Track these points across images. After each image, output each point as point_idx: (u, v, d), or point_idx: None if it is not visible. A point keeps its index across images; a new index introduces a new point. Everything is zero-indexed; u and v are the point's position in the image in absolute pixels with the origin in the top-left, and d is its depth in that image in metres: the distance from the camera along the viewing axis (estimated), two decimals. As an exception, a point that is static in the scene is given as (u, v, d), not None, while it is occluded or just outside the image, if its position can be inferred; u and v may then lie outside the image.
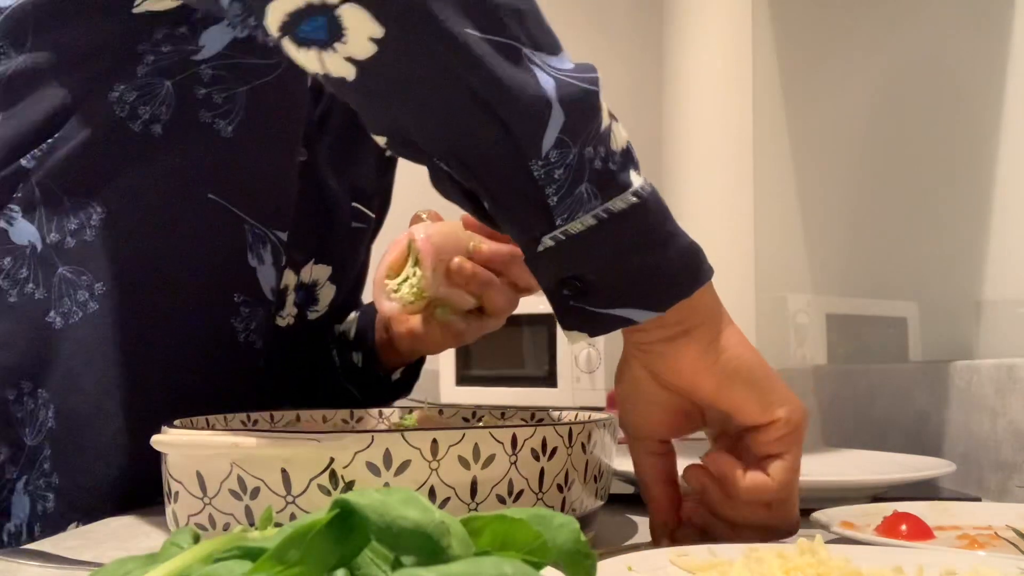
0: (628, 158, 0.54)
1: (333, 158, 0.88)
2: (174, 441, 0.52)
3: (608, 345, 2.43)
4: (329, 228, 0.88)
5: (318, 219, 0.87)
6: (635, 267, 0.52)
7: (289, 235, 0.83)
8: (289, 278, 0.85)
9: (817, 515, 0.57)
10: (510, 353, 2.59)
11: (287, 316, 0.86)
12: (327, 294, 0.89)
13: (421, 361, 0.95)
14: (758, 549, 0.46)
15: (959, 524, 0.59)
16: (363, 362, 0.91)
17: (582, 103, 0.52)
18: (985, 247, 0.91)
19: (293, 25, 0.52)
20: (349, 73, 0.52)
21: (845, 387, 1.25)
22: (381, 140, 0.55)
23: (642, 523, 0.66)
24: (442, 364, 2.64)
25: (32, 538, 0.75)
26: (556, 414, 0.72)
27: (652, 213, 0.53)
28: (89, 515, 0.74)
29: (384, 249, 0.77)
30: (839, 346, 1.42)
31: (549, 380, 2.51)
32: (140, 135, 0.75)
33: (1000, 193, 0.89)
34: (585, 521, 0.58)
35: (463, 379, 2.62)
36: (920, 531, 0.55)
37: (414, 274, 0.69)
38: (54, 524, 0.76)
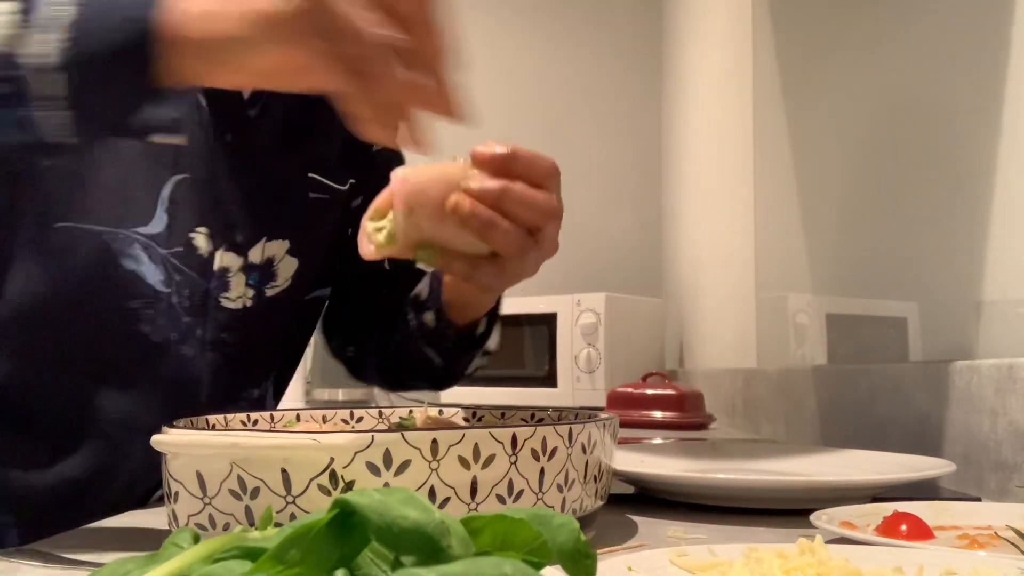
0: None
1: (278, 139, 0.90)
2: (174, 441, 0.52)
3: (608, 345, 2.44)
4: (276, 205, 0.90)
5: (260, 199, 0.89)
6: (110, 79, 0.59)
7: (229, 219, 0.86)
8: (231, 260, 0.87)
9: (817, 515, 0.57)
10: (510, 353, 2.59)
11: (237, 298, 0.88)
12: (287, 268, 0.91)
13: (493, 318, 0.93)
14: (758, 549, 0.46)
15: (959, 524, 0.59)
16: (435, 321, 0.91)
17: None
18: (985, 247, 0.91)
19: None
20: None
21: (845, 387, 1.25)
22: None
23: (642, 523, 0.66)
24: (442, 364, 2.64)
25: None
26: (556, 414, 0.72)
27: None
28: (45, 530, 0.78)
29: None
30: (839, 346, 1.42)
31: (549, 380, 2.52)
32: None
33: (1000, 193, 0.89)
34: (585, 521, 0.58)
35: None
36: (920, 531, 0.55)
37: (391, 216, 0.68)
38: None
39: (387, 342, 1.00)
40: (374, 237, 0.66)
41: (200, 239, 0.85)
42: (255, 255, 0.89)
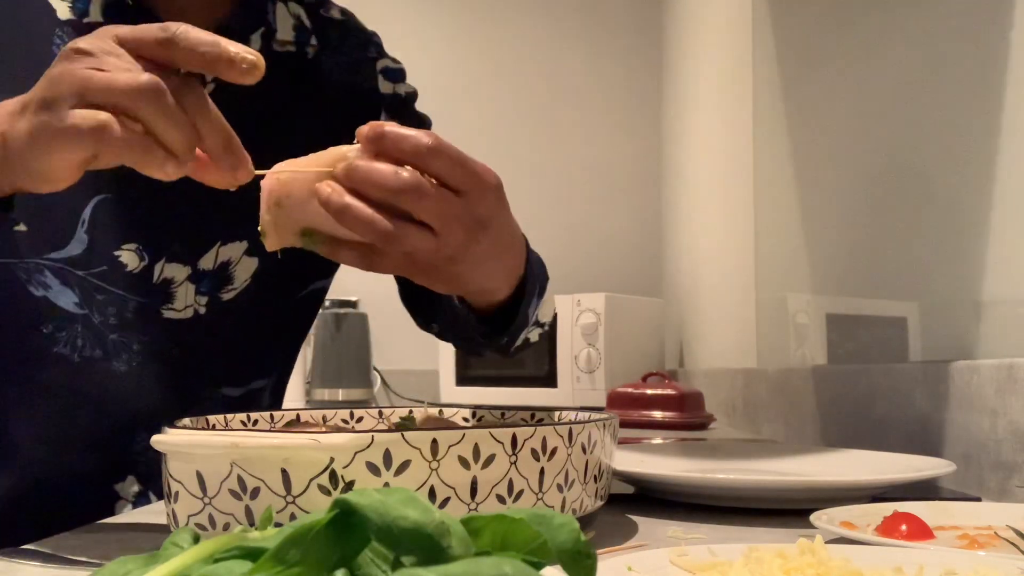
0: None
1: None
2: (174, 441, 0.52)
3: (608, 345, 2.44)
4: (231, 207, 0.89)
5: (212, 204, 0.87)
6: None
7: (166, 231, 0.86)
8: (174, 271, 0.87)
9: (817, 515, 0.57)
10: (510, 353, 2.59)
11: (185, 308, 0.88)
12: (246, 268, 0.91)
13: (518, 300, 0.86)
14: (758, 549, 0.46)
15: (959, 524, 0.59)
16: (459, 304, 0.88)
17: None
18: (985, 247, 0.91)
19: None
20: None
21: (845, 387, 1.25)
22: None
23: (642, 523, 0.66)
24: (442, 364, 2.65)
25: None
26: (556, 414, 0.72)
27: None
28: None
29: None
30: (839, 346, 1.43)
31: (549, 380, 2.52)
32: None
33: (1000, 192, 0.89)
34: (585, 521, 0.58)
35: (463, 379, 2.62)
36: (920, 531, 0.55)
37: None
38: None
39: (447, 321, 0.97)
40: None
41: (127, 256, 0.85)
42: (206, 262, 0.88)
